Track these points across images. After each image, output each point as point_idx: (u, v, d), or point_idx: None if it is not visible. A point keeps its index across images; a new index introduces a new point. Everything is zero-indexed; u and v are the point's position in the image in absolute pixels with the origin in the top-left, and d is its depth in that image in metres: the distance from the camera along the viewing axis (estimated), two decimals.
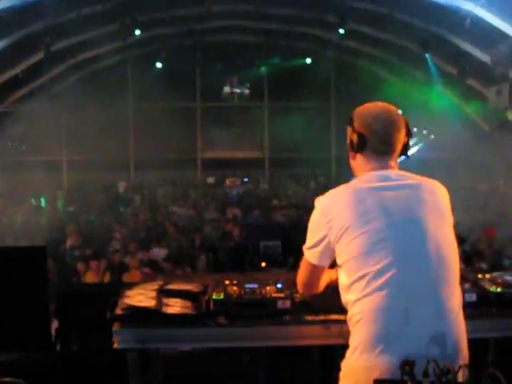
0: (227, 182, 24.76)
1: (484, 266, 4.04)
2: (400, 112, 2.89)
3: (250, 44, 22.64)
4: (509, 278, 3.44)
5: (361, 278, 2.60)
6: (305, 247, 2.90)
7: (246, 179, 24.71)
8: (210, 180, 24.81)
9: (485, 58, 17.89)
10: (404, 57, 20.42)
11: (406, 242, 2.62)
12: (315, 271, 2.93)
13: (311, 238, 2.83)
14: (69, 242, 12.89)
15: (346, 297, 2.70)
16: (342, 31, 18.39)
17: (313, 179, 23.80)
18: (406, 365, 2.11)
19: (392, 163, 2.83)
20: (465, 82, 19.71)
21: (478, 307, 3.31)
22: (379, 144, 2.80)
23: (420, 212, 2.68)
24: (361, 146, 2.82)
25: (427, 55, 19.21)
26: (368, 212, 2.64)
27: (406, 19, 17.44)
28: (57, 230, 14.21)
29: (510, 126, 18.15)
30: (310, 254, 2.86)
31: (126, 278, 9.42)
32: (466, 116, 21.02)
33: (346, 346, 2.71)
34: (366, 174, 2.81)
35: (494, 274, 3.56)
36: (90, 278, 9.83)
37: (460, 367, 2.28)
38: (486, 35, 16.39)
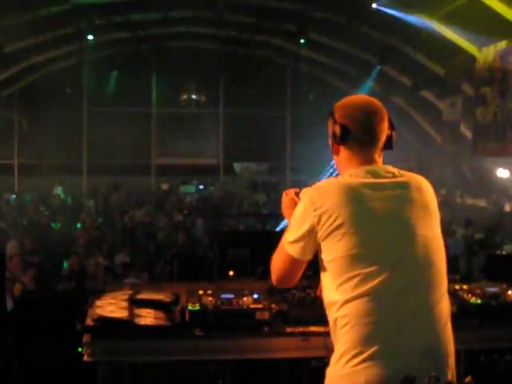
0: (181, 188, 24.57)
1: (457, 276, 4.04)
2: None
3: (207, 51, 22.52)
4: (488, 289, 3.43)
5: (351, 278, 2.50)
6: (286, 240, 2.72)
7: (200, 186, 24.56)
8: (165, 186, 24.58)
9: (439, 70, 18.22)
10: (360, 67, 20.59)
11: (396, 245, 2.55)
12: (296, 265, 2.75)
13: (296, 230, 2.66)
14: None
15: (333, 297, 2.57)
16: (302, 41, 18.45)
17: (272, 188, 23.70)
18: (406, 381, 2.03)
19: (377, 157, 2.74)
20: (419, 94, 20.00)
21: (458, 319, 3.26)
22: (363, 134, 2.70)
23: (410, 213, 2.62)
24: (344, 138, 2.70)
25: (378, 67, 19.44)
26: (359, 210, 2.56)
27: (363, 30, 17.59)
28: None
29: (463, 139, 18.47)
30: (293, 248, 2.68)
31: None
32: (419, 128, 21.31)
33: (323, 358, 2.64)
34: (353, 169, 2.69)
35: (472, 285, 3.54)
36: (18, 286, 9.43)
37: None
38: (441, 48, 16.68)
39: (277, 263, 2.81)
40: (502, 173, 17.10)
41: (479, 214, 16.71)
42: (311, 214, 2.60)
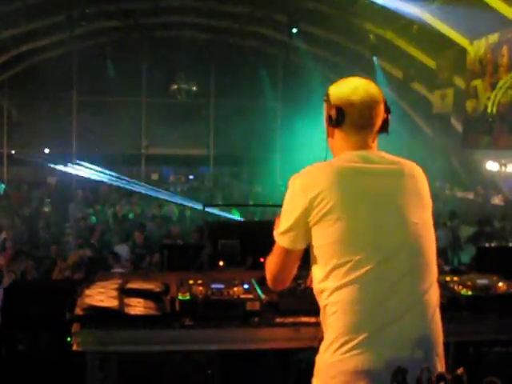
0: (171, 178, 24.52)
1: (447, 268, 4.03)
2: None
3: (198, 41, 22.42)
4: (479, 281, 3.43)
5: (341, 265, 2.47)
6: (277, 233, 2.67)
7: (191, 176, 24.50)
8: (154, 176, 24.52)
9: (430, 62, 18.23)
10: (352, 59, 20.56)
11: (387, 232, 2.53)
12: (290, 258, 2.68)
13: (286, 219, 2.61)
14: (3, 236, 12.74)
15: (323, 284, 2.53)
16: (294, 31, 18.39)
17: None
18: (399, 373, 2.02)
19: (371, 142, 2.69)
20: (410, 86, 20.01)
21: (448, 311, 3.26)
22: (358, 117, 2.65)
23: (402, 200, 2.59)
24: (339, 120, 2.65)
25: (374, 58, 19.38)
26: (352, 196, 2.53)
27: (356, 21, 17.56)
28: None
29: (453, 131, 18.51)
30: (284, 239, 2.63)
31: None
32: (409, 120, 21.31)
33: (312, 349, 2.63)
34: (345, 153, 2.65)
35: (463, 277, 3.54)
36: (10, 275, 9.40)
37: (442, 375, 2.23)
38: (433, 40, 16.67)
39: (270, 263, 2.77)
40: (491, 166, 17.16)
41: (468, 207, 16.78)
42: (302, 198, 2.55)
